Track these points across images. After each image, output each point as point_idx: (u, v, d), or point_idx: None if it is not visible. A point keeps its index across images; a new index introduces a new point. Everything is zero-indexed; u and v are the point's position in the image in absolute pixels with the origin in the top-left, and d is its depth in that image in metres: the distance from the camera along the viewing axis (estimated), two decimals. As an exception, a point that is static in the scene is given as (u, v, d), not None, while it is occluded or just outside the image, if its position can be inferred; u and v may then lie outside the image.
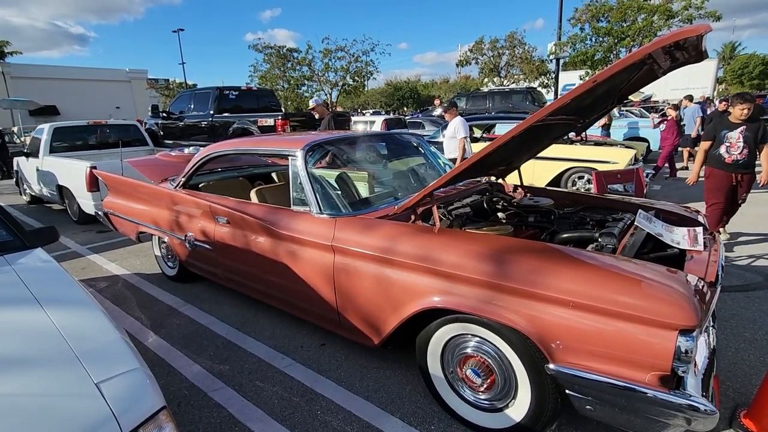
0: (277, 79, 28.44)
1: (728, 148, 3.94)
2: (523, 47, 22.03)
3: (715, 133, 4.05)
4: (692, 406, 1.31)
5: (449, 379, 1.96)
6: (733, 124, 3.93)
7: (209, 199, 3.02)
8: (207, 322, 3.00)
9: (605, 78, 1.58)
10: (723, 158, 3.98)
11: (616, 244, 1.89)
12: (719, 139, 3.99)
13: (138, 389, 1.14)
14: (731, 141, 3.92)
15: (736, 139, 3.90)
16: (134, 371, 1.19)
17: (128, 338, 1.46)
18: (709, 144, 4.07)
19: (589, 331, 1.45)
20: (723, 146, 3.97)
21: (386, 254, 1.98)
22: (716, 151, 4.02)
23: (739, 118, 3.89)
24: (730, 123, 3.95)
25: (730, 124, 3.95)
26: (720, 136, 3.99)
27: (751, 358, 2.38)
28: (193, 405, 2.13)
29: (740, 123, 3.89)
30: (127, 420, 1.03)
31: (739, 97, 3.94)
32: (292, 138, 2.87)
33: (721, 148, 3.99)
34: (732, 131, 3.92)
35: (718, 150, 4.00)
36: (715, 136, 4.03)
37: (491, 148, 1.83)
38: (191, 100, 9.67)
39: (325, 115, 6.21)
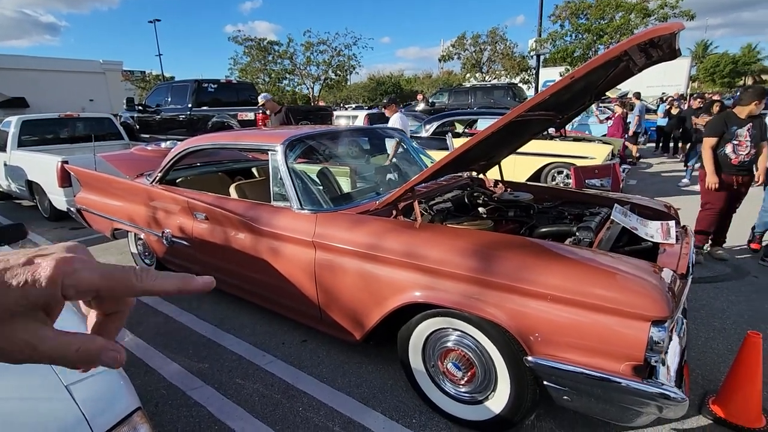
0: (258, 73, 27.99)
1: (736, 147, 3.49)
2: (504, 43, 22.23)
3: (723, 129, 3.54)
4: (663, 395, 1.36)
5: (430, 372, 1.98)
6: (742, 121, 3.50)
7: (187, 195, 2.95)
8: (186, 320, 2.94)
9: (583, 74, 1.60)
10: (729, 159, 3.52)
11: (593, 237, 1.93)
12: (727, 137, 3.52)
13: (111, 391, 1.11)
14: (740, 139, 3.49)
15: (745, 137, 3.48)
16: (107, 372, 1.15)
17: (101, 338, 1.41)
18: (715, 141, 3.56)
19: (566, 323, 1.48)
20: (730, 145, 3.51)
21: (368, 250, 1.97)
22: (722, 150, 3.55)
23: (749, 115, 3.48)
24: (739, 119, 3.51)
25: (739, 120, 3.51)
26: (729, 132, 3.51)
27: (719, 347, 2.47)
28: (171, 404, 2.09)
29: (747, 120, 3.49)
30: (99, 422, 1.00)
31: (755, 92, 3.48)
32: (271, 132, 2.83)
33: (727, 147, 3.52)
34: (741, 128, 3.49)
35: (724, 149, 3.53)
36: (723, 132, 3.53)
37: (472, 143, 1.84)
38: (168, 92, 9.43)
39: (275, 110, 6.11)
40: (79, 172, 4.01)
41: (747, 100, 3.45)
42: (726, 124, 3.53)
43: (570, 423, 1.90)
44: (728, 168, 3.56)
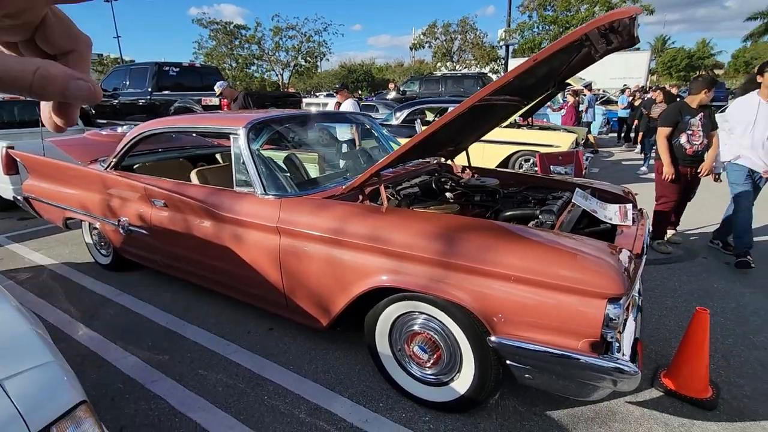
0: (224, 57, 27.01)
1: (690, 137, 3.52)
2: (474, 33, 22.35)
3: (677, 118, 3.55)
4: (618, 369, 1.41)
5: (397, 356, 1.98)
6: (694, 110, 3.53)
7: (144, 181, 2.81)
8: (145, 312, 2.82)
9: (545, 57, 1.61)
10: (684, 149, 3.54)
11: (555, 220, 1.97)
12: (681, 127, 3.53)
13: (50, 385, 1.03)
14: (693, 129, 3.51)
15: (697, 127, 3.51)
16: (46, 365, 1.08)
17: (45, 331, 1.33)
18: (669, 131, 3.57)
19: (527, 303, 1.51)
20: (684, 135, 3.53)
21: (334, 235, 1.93)
22: (676, 140, 3.56)
23: (700, 104, 3.52)
24: (691, 109, 3.53)
25: (691, 109, 3.53)
26: (684, 122, 3.53)
27: (671, 324, 2.60)
28: (129, 399, 2.01)
29: (698, 109, 3.53)
30: (36, 418, 0.93)
31: (705, 81, 3.53)
32: (234, 115, 2.73)
33: (681, 137, 3.54)
34: (694, 117, 3.51)
35: (679, 139, 3.55)
36: (677, 121, 3.55)
37: (436, 126, 1.83)
38: (126, 76, 8.93)
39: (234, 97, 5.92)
40: (25, 158, 3.75)
41: (697, 89, 3.51)
42: (680, 114, 3.56)
43: (532, 400, 1.95)
44: (683, 158, 3.59)
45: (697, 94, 3.50)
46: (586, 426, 1.82)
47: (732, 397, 1.98)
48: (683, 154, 3.57)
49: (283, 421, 1.86)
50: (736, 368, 2.19)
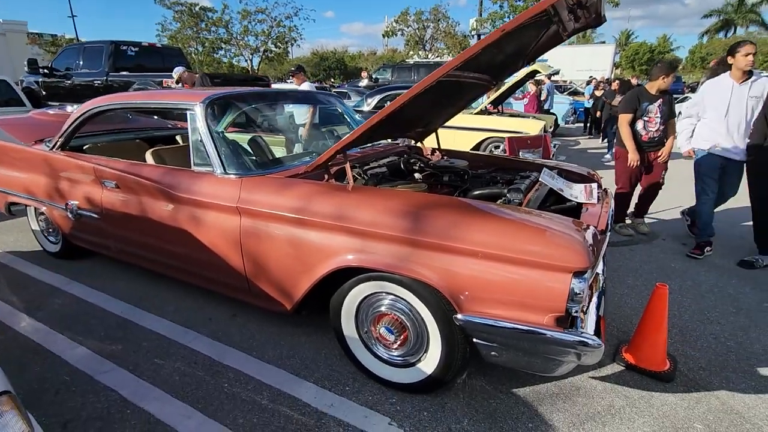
0: (190, 41, 25.89)
1: (646, 123, 3.58)
2: (446, 21, 22.33)
3: (636, 105, 3.59)
4: (582, 342, 1.40)
5: (363, 338, 1.93)
6: (653, 96, 3.56)
7: (94, 161, 2.62)
8: (98, 300, 2.65)
9: (513, 28, 1.56)
10: (639, 135, 3.62)
11: (522, 198, 1.96)
12: (639, 113, 3.59)
13: (-36, 373, 0.92)
14: (650, 115, 3.56)
15: (655, 114, 3.55)
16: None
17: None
18: (630, 116, 3.62)
19: (493, 279, 1.48)
20: (641, 121, 3.59)
21: (297, 214, 1.85)
22: (634, 126, 3.64)
23: (661, 89, 3.54)
24: (650, 95, 3.57)
25: (650, 96, 3.57)
26: (642, 108, 3.57)
27: (632, 302, 2.68)
28: (75, 391, 1.87)
29: (657, 95, 3.56)
30: (-56, 409, 0.82)
31: (664, 66, 3.53)
32: (191, 91, 2.57)
33: (638, 124, 3.61)
34: (652, 104, 3.55)
35: (635, 126, 3.63)
36: (636, 108, 3.59)
37: (402, 101, 1.76)
38: (80, 55, 8.40)
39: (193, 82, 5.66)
40: (-40, 137, 3.43)
41: (656, 74, 3.53)
42: (638, 100, 3.59)
43: (498, 379, 1.95)
44: (639, 144, 3.63)
45: (656, 79, 3.53)
46: (552, 401, 1.83)
47: (688, 369, 2.05)
48: (639, 140, 3.64)
49: (244, 408, 1.78)
50: (692, 342, 2.28)
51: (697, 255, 3.35)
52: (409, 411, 1.77)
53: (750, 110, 3.13)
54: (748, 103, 3.12)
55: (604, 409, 1.80)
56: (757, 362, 2.12)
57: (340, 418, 1.73)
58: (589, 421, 1.73)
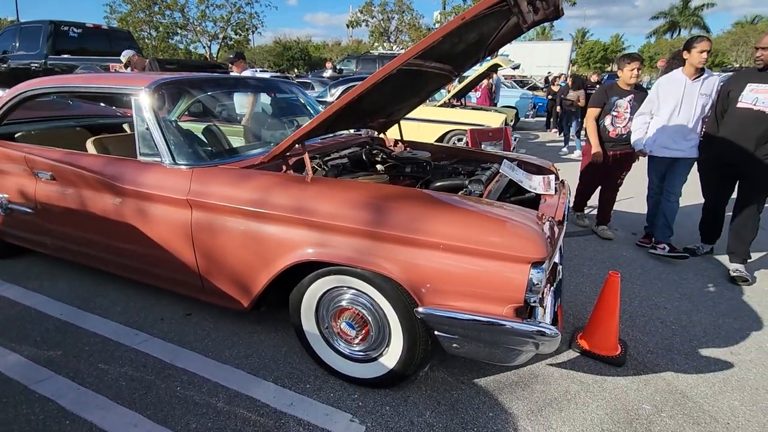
0: (142, 24, 24.46)
1: (614, 119, 3.48)
2: (411, 13, 22.32)
3: (604, 99, 3.52)
4: (540, 332, 1.42)
5: (324, 334, 1.88)
6: (623, 91, 3.47)
7: (25, 150, 2.39)
8: (34, 303, 2.44)
9: (473, 16, 1.54)
10: (607, 131, 3.53)
11: (483, 190, 1.96)
12: (607, 108, 3.51)
13: None
14: (619, 110, 3.46)
15: (624, 109, 3.44)
16: None
17: None
18: (597, 111, 3.56)
19: (453, 271, 1.47)
20: (609, 117, 3.50)
21: (253, 206, 1.76)
22: (601, 121, 3.56)
23: (629, 83, 3.45)
24: (620, 89, 3.48)
25: (620, 90, 3.48)
26: (609, 103, 3.48)
27: (587, 290, 2.78)
28: (6, 403, 1.70)
29: (628, 90, 3.47)
30: None
31: (627, 57, 3.42)
32: (137, 75, 2.39)
33: (606, 119, 3.52)
34: (622, 98, 3.46)
35: (603, 121, 3.54)
36: (604, 102, 3.52)
37: (362, 89, 1.70)
38: (16, 36, 7.71)
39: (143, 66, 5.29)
40: None
41: (621, 64, 3.45)
42: (606, 95, 3.51)
43: (460, 370, 1.97)
44: (606, 140, 3.55)
45: (623, 70, 3.45)
46: (511, 390, 1.86)
47: (638, 353, 2.15)
48: (606, 136, 3.56)
49: (198, 412, 1.69)
50: (641, 327, 2.39)
51: (645, 244, 3.45)
52: (372, 406, 1.75)
53: (700, 107, 3.10)
54: (698, 101, 3.09)
55: (560, 394, 1.85)
56: (699, 344, 2.25)
57: (300, 417, 1.68)
58: (547, 407, 1.77)
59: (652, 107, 3.28)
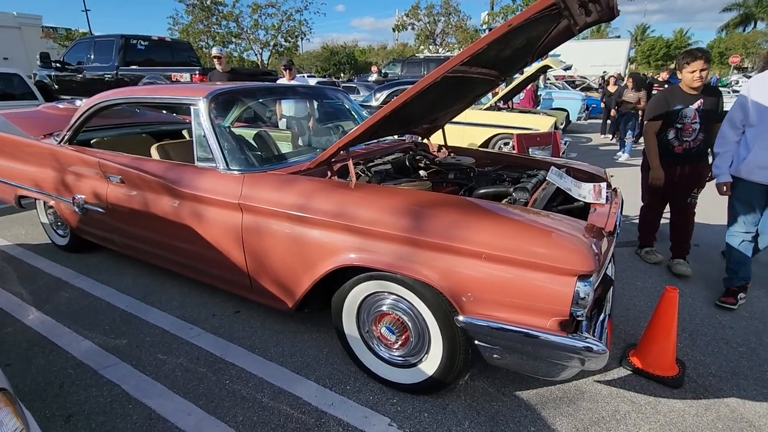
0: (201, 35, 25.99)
1: (680, 132, 2.80)
2: (458, 15, 22.08)
3: (665, 109, 2.81)
4: (587, 347, 1.37)
5: (365, 338, 1.91)
6: (688, 97, 2.76)
7: (99, 155, 2.63)
8: (103, 294, 2.67)
9: (520, 23, 1.51)
10: (671, 146, 2.86)
11: (528, 198, 1.91)
12: (671, 119, 2.81)
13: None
14: (685, 122, 2.77)
15: (692, 119, 2.76)
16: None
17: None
18: (657, 125, 2.88)
19: (496, 281, 1.45)
20: (673, 130, 2.82)
21: (298, 211, 1.83)
22: (664, 135, 2.87)
23: (692, 86, 2.73)
24: (684, 95, 2.77)
25: (684, 96, 2.77)
26: (673, 113, 2.78)
27: (641, 304, 2.62)
28: (79, 385, 1.89)
29: (695, 95, 2.76)
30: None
31: (688, 54, 2.71)
32: (195, 86, 2.56)
33: (669, 132, 2.84)
34: (688, 106, 2.76)
35: (666, 135, 2.86)
36: (665, 113, 2.82)
37: (406, 97, 1.72)
38: (91, 49, 8.46)
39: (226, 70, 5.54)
40: (-29, 131, 3.48)
41: (681, 64, 2.75)
42: (668, 103, 2.81)
43: (502, 381, 1.92)
44: (669, 157, 2.88)
45: (685, 69, 2.72)
46: (555, 405, 1.80)
47: (698, 375, 2.00)
48: (670, 152, 2.87)
49: (245, 405, 1.78)
50: (702, 347, 2.22)
51: (728, 304, 2.57)
52: (410, 412, 1.76)
53: None
54: None
55: (609, 414, 1.76)
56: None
57: (339, 417, 1.72)
58: (593, 426, 1.70)
59: (743, 117, 2.47)
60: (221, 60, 5.46)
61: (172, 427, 1.67)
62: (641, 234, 3.34)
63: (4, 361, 2.04)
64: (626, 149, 7.52)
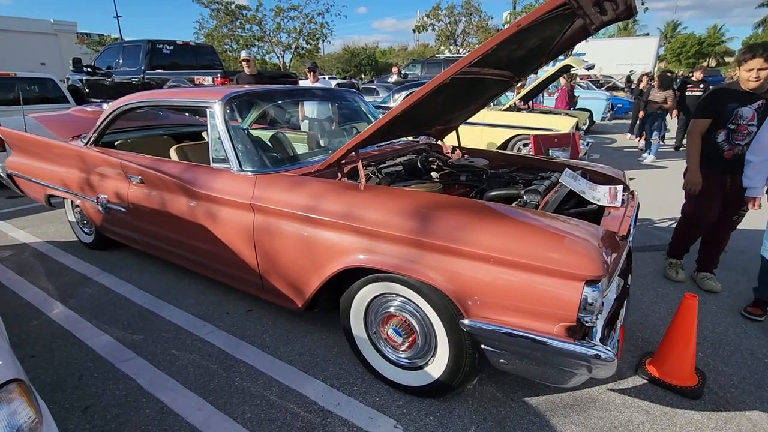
0: (225, 38, 26.59)
1: (732, 133, 2.49)
2: (479, 15, 21.88)
3: (718, 107, 2.50)
4: (595, 355, 1.33)
5: (372, 339, 1.92)
6: (747, 95, 2.45)
7: (120, 156, 2.73)
8: (124, 291, 2.77)
9: (529, 23, 1.49)
10: (721, 150, 2.52)
11: (539, 200, 1.88)
12: (723, 118, 2.49)
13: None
14: (740, 122, 2.46)
15: (748, 120, 2.44)
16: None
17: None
18: (705, 124, 2.55)
19: (502, 284, 1.43)
20: (724, 131, 2.50)
21: (307, 212, 1.85)
22: (713, 136, 2.54)
23: (747, 87, 2.42)
24: (742, 93, 2.46)
25: (742, 94, 2.46)
26: (725, 112, 2.47)
27: (660, 311, 2.53)
28: (97, 378, 1.96)
29: (754, 94, 2.43)
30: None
31: (748, 50, 2.38)
32: (210, 89, 2.62)
33: (719, 134, 2.51)
34: (746, 106, 2.44)
35: (716, 135, 2.53)
36: (717, 112, 2.51)
37: (415, 99, 1.72)
38: (120, 54, 8.77)
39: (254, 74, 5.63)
40: (6, 133, 3.66)
41: (739, 59, 2.43)
42: (723, 101, 2.48)
43: (511, 387, 1.89)
44: (717, 162, 2.54)
45: (739, 67, 2.43)
46: (565, 413, 1.76)
47: (719, 387, 1.92)
48: (719, 156, 2.53)
49: (253, 402, 1.81)
50: (725, 357, 2.13)
51: (755, 316, 2.44)
52: (416, 414, 1.75)
53: None
54: None
55: (621, 424, 1.71)
56: (799, 382, 1.95)
57: (345, 417, 1.73)
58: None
59: None
60: (249, 63, 5.54)
61: (182, 421, 1.71)
62: (673, 242, 3.00)
63: (29, 353, 2.14)
64: (652, 150, 7.27)
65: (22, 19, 24.52)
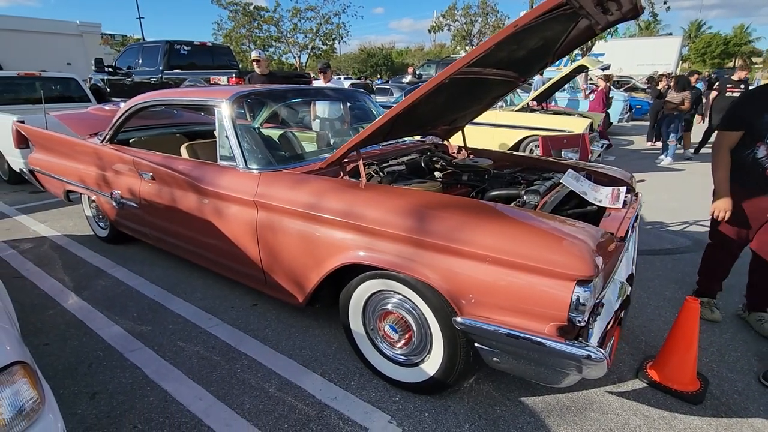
0: (243, 39, 26.99)
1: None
2: (495, 15, 21.69)
3: (749, 117, 2.09)
4: (586, 355, 1.33)
5: (370, 335, 1.94)
6: None
7: (133, 154, 2.82)
8: (135, 284, 2.86)
9: (526, 23, 1.49)
10: (762, 167, 2.09)
11: (538, 200, 1.88)
12: (758, 130, 2.07)
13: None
14: None
15: None
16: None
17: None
18: (735, 137, 2.15)
19: (495, 283, 1.44)
20: (765, 146, 2.06)
21: (308, 209, 1.89)
22: (748, 152, 2.12)
23: None
24: None
25: None
26: (760, 122, 2.05)
27: (667, 315, 2.49)
28: (106, 366, 2.03)
29: None
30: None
31: None
32: (219, 89, 2.69)
33: (759, 149, 2.08)
34: None
35: (755, 151, 2.10)
36: (749, 122, 2.09)
37: (411, 100, 1.74)
38: (139, 54, 9.00)
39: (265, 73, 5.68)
40: (29, 131, 3.82)
41: None
42: (759, 108, 2.06)
43: (507, 386, 1.90)
44: (758, 181, 2.12)
45: None
46: (561, 414, 1.75)
47: (721, 392, 1.88)
48: (760, 174, 2.11)
49: (252, 394, 1.86)
50: (731, 363, 2.08)
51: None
52: (411, 410, 1.77)
53: None
54: None
55: (617, 426, 1.70)
56: (807, 390, 1.90)
57: (341, 411, 1.76)
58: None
59: None
60: (260, 63, 5.61)
61: (183, 410, 1.77)
62: (701, 279, 2.54)
63: (44, 340, 2.23)
64: (669, 153, 7.11)
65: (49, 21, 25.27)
